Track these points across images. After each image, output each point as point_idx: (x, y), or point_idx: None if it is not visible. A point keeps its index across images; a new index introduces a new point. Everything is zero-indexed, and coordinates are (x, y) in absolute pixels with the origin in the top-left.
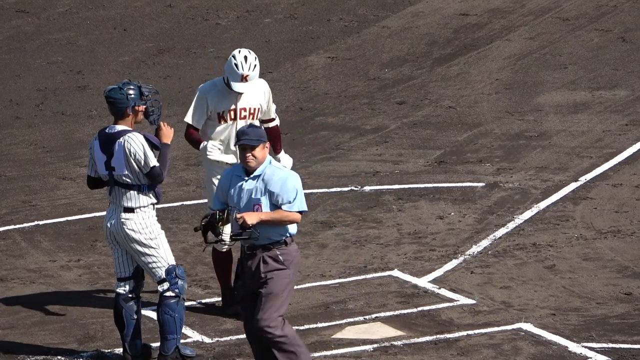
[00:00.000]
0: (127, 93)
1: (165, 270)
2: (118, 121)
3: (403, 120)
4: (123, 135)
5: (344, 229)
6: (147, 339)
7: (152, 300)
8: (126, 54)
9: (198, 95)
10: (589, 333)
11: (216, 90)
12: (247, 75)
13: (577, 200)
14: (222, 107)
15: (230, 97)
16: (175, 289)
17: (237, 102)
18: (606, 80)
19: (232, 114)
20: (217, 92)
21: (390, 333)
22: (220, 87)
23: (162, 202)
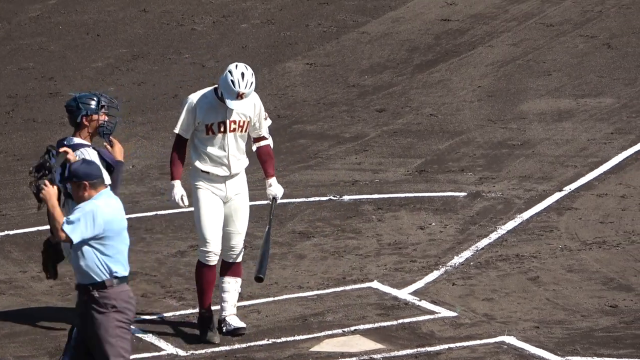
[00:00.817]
0: (83, 102)
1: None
2: (76, 132)
3: (383, 128)
4: (77, 150)
5: (323, 240)
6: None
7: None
8: (99, 59)
9: (187, 105)
10: (573, 347)
11: (206, 101)
12: (244, 93)
13: (561, 211)
14: (212, 120)
15: (221, 110)
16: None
17: (227, 115)
18: (591, 88)
19: (222, 127)
20: (207, 104)
21: (369, 346)
22: (210, 98)
23: (136, 211)
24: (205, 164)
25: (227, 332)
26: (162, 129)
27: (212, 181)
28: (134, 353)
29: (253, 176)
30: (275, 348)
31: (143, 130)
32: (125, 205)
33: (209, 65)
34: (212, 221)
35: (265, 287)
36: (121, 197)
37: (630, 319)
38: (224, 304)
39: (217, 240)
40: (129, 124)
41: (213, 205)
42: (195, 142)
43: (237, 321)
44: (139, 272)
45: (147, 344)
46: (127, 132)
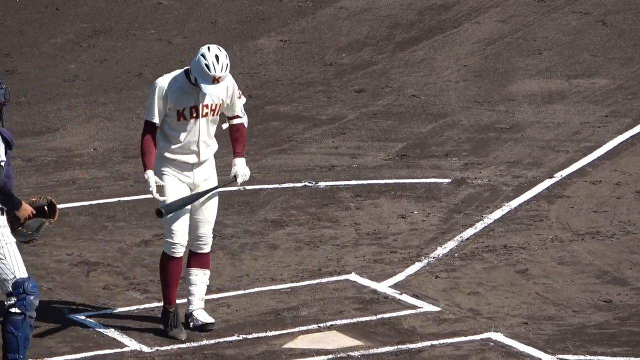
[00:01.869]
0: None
1: (13, 283)
2: None
3: (362, 110)
4: None
5: (297, 229)
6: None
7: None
8: (58, 35)
9: (157, 90)
10: (564, 344)
11: (177, 85)
12: (219, 77)
13: (552, 199)
14: (183, 105)
15: (192, 94)
16: (21, 305)
17: (200, 100)
18: (584, 68)
19: (194, 112)
20: (178, 88)
21: (347, 343)
22: (181, 82)
23: (97, 198)
24: (172, 152)
25: (195, 328)
26: (126, 110)
27: (179, 168)
28: (96, 349)
29: (223, 160)
30: (246, 344)
31: (105, 111)
32: (86, 191)
33: (176, 42)
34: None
35: (236, 279)
36: (82, 182)
37: (625, 314)
38: (191, 298)
39: (183, 231)
40: (91, 104)
41: (179, 193)
42: (164, 128)
43: (206, 316)
44: (101, 262)
45: (109, 339)
46: (88, 113)
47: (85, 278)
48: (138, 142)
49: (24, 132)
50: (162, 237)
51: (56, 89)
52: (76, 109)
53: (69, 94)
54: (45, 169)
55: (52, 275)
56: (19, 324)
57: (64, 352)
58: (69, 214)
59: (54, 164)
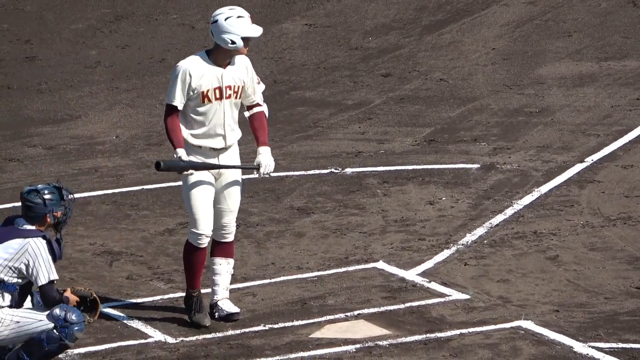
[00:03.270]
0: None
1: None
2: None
3: (389, 95)
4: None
5: (323, 216)
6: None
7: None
8: (79, 20)
9: (180, 72)
10: (596, 332)
11: (200, 67)
12: (250, 16)
13: (582, 184)
14: (207, 86)
15: (216, 75)
16: (62, 333)
17: (222, 80)
18: (615, 50)
19: (218, 93)
20: (201, 70)
21: (374, 332)
22: (204, 64)
23: (120, 186)
24: (197, 137)
25: (220, 318)
26: (149, 96)
27: (205, 155)
28: (119, 340)
29: (247, 147)
30: (272, 334)
31: (128, 97)
32: (109, 179)
33: (199, 27)
34: (203, 201)
35: (262, 267)
36: (105, 170)
37: None
38: (216, 288)
39: (208, 221)
40: (113, 91)
41: (204, 182)
42: (188, 113)
43: (231, 306)
44: (124, 252)
45: (133, 330)
46: (110, 100)
47: (109, 268)
48: (161, 128)
49: (45, 119)
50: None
51: (77, 76)
52: (98, 95)
53: (90, 80)
54: (67, 157)
55: (75, 265)
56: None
57: (87, 343)
58: (91, 203)
59: (75, 152)
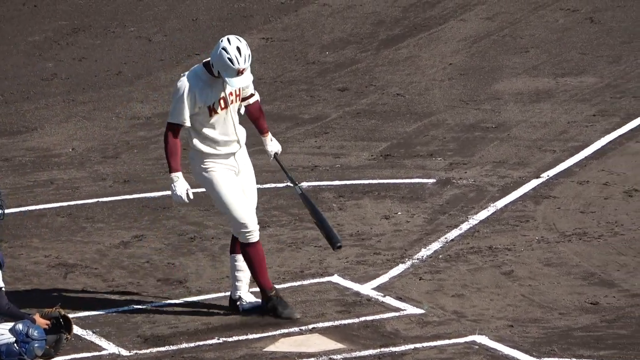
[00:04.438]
0: None
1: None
2: None
3: (345, 109)
4: None
5: (279, 230)
6: None
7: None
8: (36, 32)
9: (184, 91)
10: (550, 347)
11: (202, 82)
12: (244, 69)
13: (538, 199)
14: (212, 99)
15: (217, 86)
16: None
17: (225, 89)
18: (572, 66)
19: (223, 103)
20: (203, 85)
21: (329, 346)
22: (205, 78)
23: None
24: (215, 146)
25: (244, 311)
26: (105, 109)
27: (224, 158)
28: (73, 353)
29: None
30: (226, 347)
31: (84, 110)
32: (65, 192)
33: (156, 40)
34: (239, 199)
35: (217, 281)
36: (60, 182)
37: (612, 317)
38: (238, 283)
39: (252, 215)
40: (69, 103)
41: (232, 182)
42: (197, 128)
43: (254, 299)
44: (79, 264)
45: (87, 343)
46: (66, 112)
47: (63, 280)
48: (117, 142)
49: (1, 131)
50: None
51: (34, 88)
52: (54, 108)
53: (46, 92)
54: (22, 169)
55: (29, 277)
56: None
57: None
58: (46, 215)
59: (31, 164)
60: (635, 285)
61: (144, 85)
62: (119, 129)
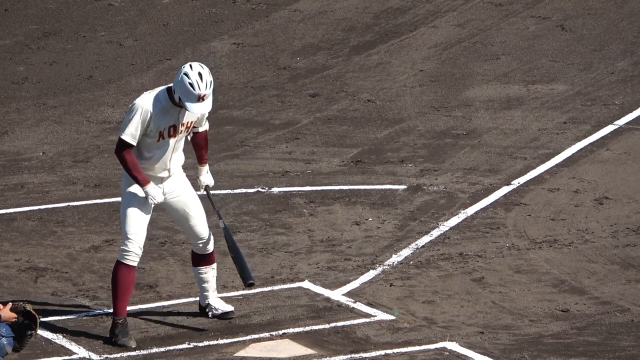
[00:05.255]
0: None
1: None
2: None
3: (316, 115)
4: None
5: (249, 235)
6: None
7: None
8: (7, 36)
9: (141, 110)
10: (521, 354)
11: (160, 106)
12: (205, 95)
13: (509, 206)
14: (164, 125)
15: (173, 114)
16: None
17: (179, 118)
18: (543, 73)
19: (172, 131)
20: (161, 109)
21: (299, 351)
22: (164, 102)
23: (46, 202)
24: (146, 169)
25: (214, 317)
26: (76, 113)
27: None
28: (43, 356)
29: None
30: (196, 353)
31: (55, 114)
32: (35, 196)
33: (127, 44)
34: (137, 219)
35: (187, 286)
36: (31, 186)
37: (583, 324)
38: (206, 293)
39: (139, 239)
40: (40, 107)
41: (141, 202)
42: (140, 147)
43: (224, 305)
44: (49, 268)
45: (57, 346)
46: (37, 116)
47: (34, 284)
48: (88, 146)
49: None
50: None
51: (4, 92)
52: (25, 112)
53: (17, 96)
54: None
55: (0, 280)
56: None
57: (11, 359)
58: (17, 219)
59: (1, 167)
60: (606, 292)
61: (115, 89)
62: (89, 133)
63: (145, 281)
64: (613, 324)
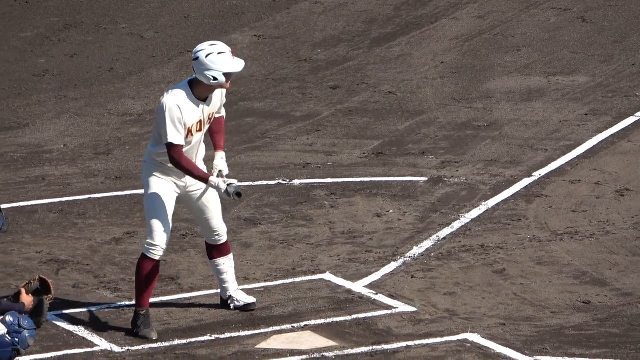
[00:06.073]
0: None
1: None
2: None
3: (337, 107)
4: None
5: (271, 227)
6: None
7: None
8: (28, 29)
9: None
10: (542, 345)
11: (186, 101)
12: (232, 50)
13: (530, 198)
14: (192, 121)
15: (198, 109)
16: (14, 338)
17: (204, 113)
18: (564, 65)
19: (199, 125)
20: (188, 103)
21: (321, 343)
22: (190, 98)
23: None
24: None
25: (236, 309)
26: (97, 105)
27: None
28: (65, 349)
29: None
30: (218, 344)
31: (76, 106)
32: (56, 188)
33: (148, 37)
34: (162, 212)
35: (209, 278)
36: (52, 178)
37: (604, 316)
38: (225, 285)
39: (164, 233)
40: (61, 100)
41: (167, 197)
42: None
43: (246, 296)
44: (70, 260)
45: (79, 338)
46: (58, 109)
47: (55, 276)
48: (109, 138)
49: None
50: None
51: (25, 84)
52: (46, 104)
53: (38, 89)
54: (14, 165)
55: (21, 273)
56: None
57: (32, 351)
58: (38, 211)
59: (23, 160)
60: (627, 284)
61: (136, 81)
62: (110, 125)
63: (166, 273)
64: (635, 316)
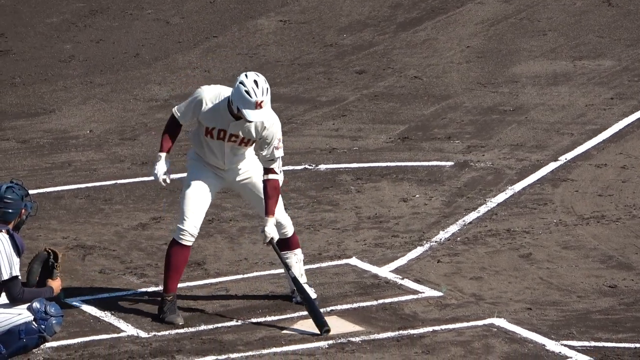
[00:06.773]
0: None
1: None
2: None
3: (363, 92)
4: None
5: (297, 212)
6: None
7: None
8: (54, 14)
9: (197, 96)
10: (569, 330)
11: (215, 103)
12: (262, 101)
13: (556, 182)
14: (212, 124)
15: (225, 119)
16: (41, 325)
17: (229, 127)
18: (590, 49)
19: (221, 134)
20: (214, 107)
21: (347, 328)
22: (221, 103)
23: (94, 180)
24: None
25: (298, 303)
26: (123, 91)
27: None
28: (92, 334)
29: None
30: (244, 330)
31: (102, 92)
32: (82, 173)
33: (173, 22)
34: (196, 199)
35: (235, 263)
36: (78, 164)
37: (631, 300)
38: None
39: (196, 219)
40: (87, 85)
41: (204, 181)
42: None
43: (310, 291)
44: (97, 246)
45: (106, 324)
46: (84, 94)
47: (81, 262)
48: (135, 123)
49: (19, 113)
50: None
51: (51, 70)
52: (72, 90)
53: (64, 74)
54: (40, 151)
55: None
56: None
57: (59, 337)
58: (64, 197)
59: (49, 145)
60: None
61: (162, 67)
62: (136, 110)
63: (193, 259)
64: None
